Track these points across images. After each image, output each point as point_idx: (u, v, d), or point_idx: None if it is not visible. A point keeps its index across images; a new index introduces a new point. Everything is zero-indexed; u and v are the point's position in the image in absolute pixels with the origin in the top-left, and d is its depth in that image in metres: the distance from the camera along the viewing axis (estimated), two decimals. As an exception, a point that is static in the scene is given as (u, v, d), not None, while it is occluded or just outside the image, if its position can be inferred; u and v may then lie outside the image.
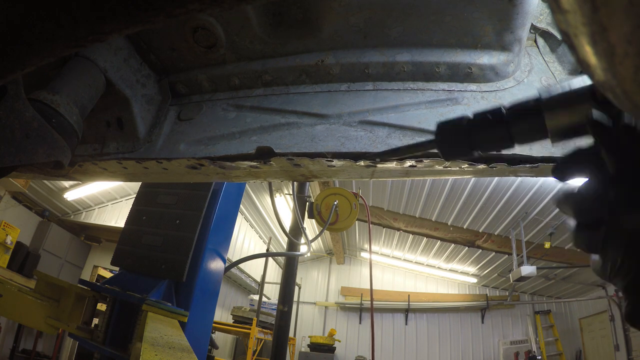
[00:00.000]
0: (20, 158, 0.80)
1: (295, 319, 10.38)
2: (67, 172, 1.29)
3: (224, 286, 8.74)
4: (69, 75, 1.01)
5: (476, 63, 1.09)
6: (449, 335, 11.81)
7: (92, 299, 2.24)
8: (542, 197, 7.00)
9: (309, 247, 3.87)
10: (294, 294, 5.25)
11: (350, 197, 3.58)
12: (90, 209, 8.80)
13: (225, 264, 2.75)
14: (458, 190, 7.40)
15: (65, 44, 0.50)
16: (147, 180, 1.36)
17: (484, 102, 1.09)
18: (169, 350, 1.10)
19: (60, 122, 0.92)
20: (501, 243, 8.99)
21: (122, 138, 1.19)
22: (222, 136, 1.14)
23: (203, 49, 1.15)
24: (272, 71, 1.17)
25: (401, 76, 1.12)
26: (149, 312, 1.83)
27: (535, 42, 1.21)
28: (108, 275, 7.67)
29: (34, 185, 7.21)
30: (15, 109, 0.77)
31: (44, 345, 7.46)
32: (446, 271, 12.02)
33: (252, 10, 1.06)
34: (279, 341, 4.71)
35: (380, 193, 8.27)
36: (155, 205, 2.58)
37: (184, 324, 2.01)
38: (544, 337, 10.99)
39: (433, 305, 12.05)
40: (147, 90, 1.21)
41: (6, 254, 6.47)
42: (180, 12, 0.44)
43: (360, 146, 1.03)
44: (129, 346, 1.98)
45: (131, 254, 2.44)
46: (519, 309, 11.88)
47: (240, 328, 7.26)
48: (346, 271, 13.19)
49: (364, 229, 10.75)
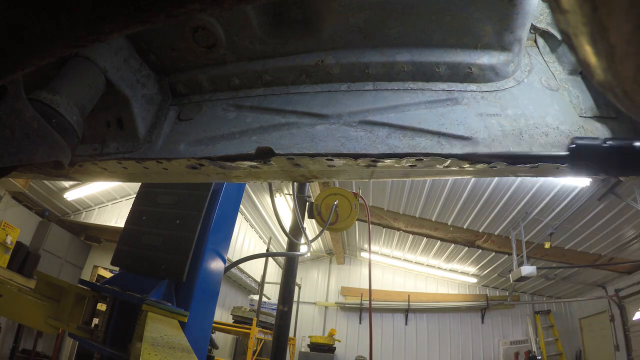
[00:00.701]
0: (20, 158, 0.80)
1: (295, 319, 10.38)
2: (67, 172, 1.29)
3: (224, 286, 8.74)
4: (69, 75, 1.01)
5: (476, 63, 1.09)
6: (449, 335, 11.81)
7: (92, 299, 2.24)
8: (542, 197, 7.00)
9: (309, 247, 3.87)
10: (294, 294, 5.25)
11: (350, 197, 3.58)
12: (90, 209, 8.80)
13: (225, 264, 2.75)
14: (458, 190, 7.40)
15: (65, 44, 0.50)
16: (147, 180, 1.36)
17: (484, 102, 1.09)
18: (169, 350, 1.10)
19: (60, 122, 0.92)
20: (501, 243, 8.99)
21: (122, 138, 1.19)
22: (222, 136, 1.14)
23: (203, 49, 1.15)
24: (272, 71, 1.17)
25: (401, 76, 1.12)
26: (149, 312, 1.83)
27: (535, 42, 1.21)
28: (108, 275, 7.67)
29: (34, 185, 7.21)
30: (15, 109, 0.77)
31: (44, 345, 7.47)
32: (446, 271, 12.02)
33: (252, 10, 1.05)
34: (279, 341, 4.71)
35: (380, 193, 8.27)
36: (155, 205, 2.58)
37: (184, 324, 2.00)
38: (544, 337, 10.99)
39: (433, 305, 12.05)
40: (147, 90, 1.21)
41: (6, 254, 6.47)
42: (180, 12, 0.44)
43: (360, 146, 1.03)
44: (129, 346, 1.98)
45: (131, 254, 2.44)
46: (519, 309, 11.88)
47: (240, 328, 7.26)
48: (346, 271, 13.19)
49: (364, 229, 10.75)
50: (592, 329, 10.61)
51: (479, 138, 1.02)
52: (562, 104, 1.08)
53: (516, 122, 1.04)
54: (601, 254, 8.56)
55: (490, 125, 1.04)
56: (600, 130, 1.03)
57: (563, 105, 1.08)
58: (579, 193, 6.63)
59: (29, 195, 7.36)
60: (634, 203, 6.23)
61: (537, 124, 1.03)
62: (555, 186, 6.64)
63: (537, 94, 1.10)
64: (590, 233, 7.81)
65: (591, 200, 6.69)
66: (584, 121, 1.05)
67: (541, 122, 1.04)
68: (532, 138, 1.01)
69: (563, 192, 6.74)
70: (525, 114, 1.06)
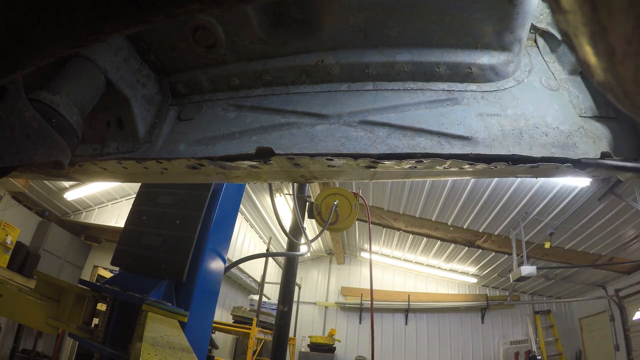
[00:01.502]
0: (20, 158, 0.80)
1: (295, 319, 10.37)
2: (67, 172, 1.29)
3: (224, 286, 8.74)
4: (69, 75, 1.01)
5: (476, 63, 1.09)
6: (449, 335, 11.81)
7: (92, 299, 2.24)
8: (542, 197, 7.00)
9: (309, 247, 3.87)
10: (294, 294, 5.25)
11: (350, 197, 3.58)
12: (90, 209, 8.79)
13: (225, 264, 2.75)
14: (458, 190, 7.40)
15: (65, 44, 0.50)
16: (147, 180, 1.36)
17: (484, 102, 1.09)
18: (169, 350, 1.10)
19: (60, 122, 0.92)
20: (501, 243, 8.99)
21: (122, 138, 1.19)
22: (222, 136, 1.14)
23: (203, 49, 1.15)
24: (272, 71, 1.17)
25: (401, 76, 1.12)
26: (149, 312, 1.83)
27: (535, 42, 1.21)
28: (108, 275, 7.67)
29: (34, 185, 7.20)
30: (15, 109, 0.77)
31: (44, 345, 7.46)
32: (446, 271, 12.02)
33: (252, 10, 1.05)
34: (279, 341, 4.71)
35: (380, 193, 8.27)
36: (155, 205, 2.58)
37: (184, 324, 2.00)
38: (544, 337, 10.99)
39: (433, 305, 12.05)
40: (147, 90, 1.21)
41: (6, 254, 6.47)
42: (180, 12, 0.44)
43: (360, 146, 1.03)
44: (129, 346, 1.98)
45: (131, 254, 2.44)
46: (519, 309, 11.88)
47: (240, 328, 7.26)
48: (346, 271, 13.19)
49: (364, 229, 10.75)
50: (592, 329, 10.61)
51: (479, 138, 1.02)
52: (562, 104, 1.08)
53: (516, 122, 1.04)
54: (601, 254, 8.55)
55: (490, 125, 1.04)
56: (600, 130, 1.03)
57: (563, 105, 1.08)
58: (579, 193, 6.63)
59: (29, 195, 7.36)
60: (634, 203, 6.23)
61: (537, 123, 1.03)
62: (555, 186, 6.64)
63: (537, 93, 1.10)
64: (590, 233, 7.81)
65: (591, 200, 6.69)
66: (584, 121, 1.05)
67: (541, 122, 1.04)
68: (532, 138, 1.01)
69: (563, 192, 6.74)
70: (525, 114, 1.06)
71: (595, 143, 1.01)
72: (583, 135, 1.02)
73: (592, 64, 0.32)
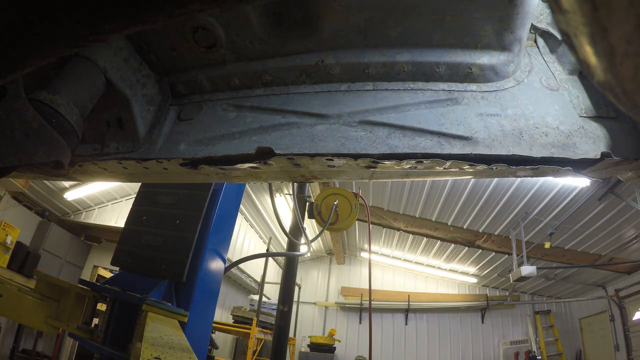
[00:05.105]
0: (20, 158, 0.80)
1: (295, 319, 10.38)
2: (67, 172, 1.29)
3: (224, 286, 8.74)
4: (69, 75, 1.01)
5: (476, 63, 1.09)
6: (449, 335, 11.81)
7: (92, 299, 2.24)
8: (542, 197, 7.00)
9: (309, 247, 3.87)
10: (294, 294, 5.25)
11: (350, 197, 3.58)
12: (90, 209, 8.79)
13: (225, 264, 2.75)
14: (458, 190, 7.40)
15: (65, 44, 0.50)
16: (147, 180, 1.36)
17: (484, 102, 1.09)
18: (169, 350, 1.10)
19: (60, 122, 0.92)
20: (501, 243, 8.99)
21: (122, 138, 1.19)
22: (222, 136, 1.14)
23: (203, 49, 1.15)
24: (272, 71, 1.17)
25: (401, 76, 1.12)
26: (149, 312, 1.83)
27: (535, 42, 1.21)
28: (108, 275, 7.66)
29: (34, 185, 7.20)
30: (15, 109, 0.77)
31: (44, 345, 7.46)
32: (446, 271, 12.02)
33: (252, 10, 1.05)
34: (279, 341, 4.71)
35: (380, 193, 8.26)
36: (155, 205, 2.58)
37: (184, 324, 2.00)
38: (544, 337, 10.98)
39: (433, 305, 12.05)
40: (147, 90, 1.21)
41: (6, 254, 6.47)
42: (180, 12, 0.44)
43: (360, 146, 1.03)
44: (129, 346, 1.98)
45: (131, 254, 2.44)
46: (519, 309, 11.88)
47: (240, 328, 7.26)
48: (346, 271, 13.19)
49: (364, 229, 10.74)
50: (592, 329, 10.61)
51: (479, 138, 1.02)
52: (562, 104, 1.08)
53: (516, 122, 1.04)
54: (601, 254, 8.56)
55: (490, 125, 1.04)
56: (601, 130, 1.03)
57: (563, 105, 1.08)
58: (579, 193, 6.63)
59: (29, 195, 7.36)
60: (634, 203, 6.23)
61: (537, 123, 1.03)
62: (555, 186, 6.64)
63: (537, 94, 1.10)
64: (590, 233, 7.81)
65: (591, 200, 6.69)
66: (584, 121, 1.05)
67: (541, 122, 1.04)
68: (532, 138, 1.01)
69: (563, 192, 6.74)
70: (525, 114, 1.06)
71: (596, 143, 1.01)
72: (583, 135, 1.02)
73: (592, 63, 0.32)
